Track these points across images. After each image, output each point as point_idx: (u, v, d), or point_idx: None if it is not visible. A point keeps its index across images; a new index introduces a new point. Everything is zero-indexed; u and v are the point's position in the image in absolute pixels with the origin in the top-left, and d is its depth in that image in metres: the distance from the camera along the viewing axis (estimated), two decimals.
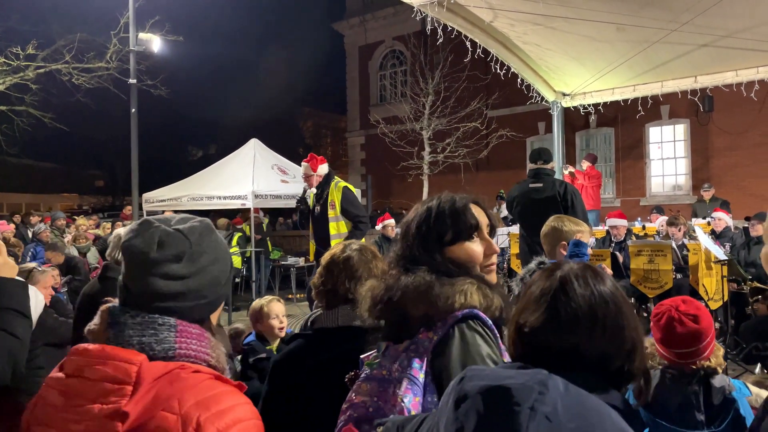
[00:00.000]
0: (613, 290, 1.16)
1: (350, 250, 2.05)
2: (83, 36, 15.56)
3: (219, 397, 1.13)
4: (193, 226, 1.27)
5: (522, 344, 1.17)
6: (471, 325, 1.38)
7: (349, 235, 5.84)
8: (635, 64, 7.70)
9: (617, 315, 1.13)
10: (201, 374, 1.17)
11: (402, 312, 1.42)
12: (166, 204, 12.50)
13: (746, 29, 6.60)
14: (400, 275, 1.47)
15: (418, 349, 1.37)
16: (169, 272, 1.21)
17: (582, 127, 18.31)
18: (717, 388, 2.19)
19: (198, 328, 1.24)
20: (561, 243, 3.21)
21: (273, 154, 12.88)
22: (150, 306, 1.20)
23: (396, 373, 1.38)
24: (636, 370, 1.16)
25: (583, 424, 0.91)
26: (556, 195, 5.45)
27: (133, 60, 13.17)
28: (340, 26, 24.86)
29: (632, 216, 12.34)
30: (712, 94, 11.28)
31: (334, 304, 1.99)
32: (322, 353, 1.90)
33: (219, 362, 1.24)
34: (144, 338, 1.17)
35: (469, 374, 1.03)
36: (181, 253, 1.23)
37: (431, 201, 1.58)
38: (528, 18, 6.86)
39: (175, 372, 1.14)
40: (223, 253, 1.33)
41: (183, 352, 1.18)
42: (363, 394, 1.42)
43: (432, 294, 1.39)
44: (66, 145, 29.61)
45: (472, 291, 1.41)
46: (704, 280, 6.53)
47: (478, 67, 14.78)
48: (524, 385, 0.95)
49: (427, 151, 17.26)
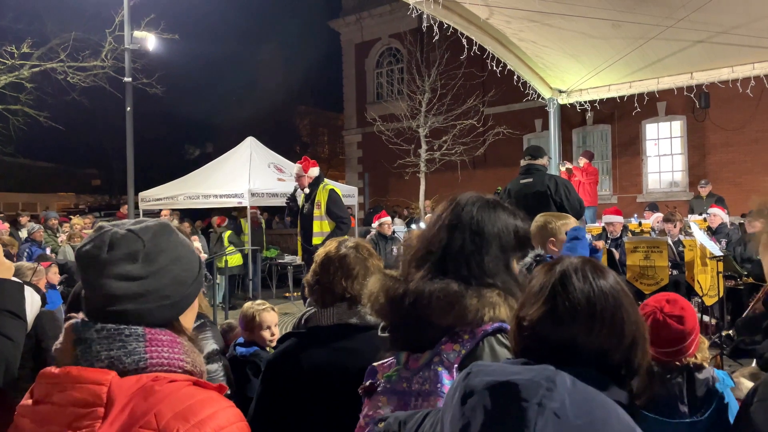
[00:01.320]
0: (613, 284, 1.15)
1: (346, 247, 2.02)
2: (78, 34, 15.48)
3: (197, 406, 1.08)
4: (147, 226, 1.23)
5: (522, 338, 1.17)
6: (500, 340, 1.36)
7: (331, 234, 6.27)
8: (631, 61, 7.70)
9: (616, 309, 1.12)
10: (177, 383, 1.11)
11: (422, 319, 1.37)
12: (162, 203, 12.48)
13: (742, 25, 6.60)
14: (422, 280, 1.41)
15: (443, 362, 1.33)
16: (122, 273, 1.16)
17: (579, 124, 18.31)
18: (701, 380, 2.20)
19: (168, 333, 1.18)
20: (549, 239, 3.27)
21: (269, 153, 12.87)
22: (106, 310, 1.15)
23: (417, 385, 1.34)
24: (638, 366, 1.14)
25: (590, 420, 0.91)
26: (546, 190, 5.49)
27: (128, 58, 13.14)
28: (336, 24, 24.81)
29: (629, 212, 12.36)
30: (708, 90, 11.28)
31: (329, 302, 1.96)
32: (316, 351, 1.88)
33: (195, 367, 1.18)
34: (112, 352, 1.11)
35: (475, 369, 1.02)
36: (134, 252, 1.18)
37: (505, 211, 1.52)
38: (524, 15, 6.86)
39: (149, 385, 1.09)
40: (186, 253, 1.27)
41: (155, 361, 1.13)
42: (384, 408, 1.37)
43: (461, 305, 1.35)
44: (62, 144, 29.50)
45: (500, 303, 1.38)
46: (699, 276, 6.54)
47: (475, 64, 14.75)
48: (532, 380, 0.94)
49: (423, 149, 17.25)
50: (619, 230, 8.39)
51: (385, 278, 1.48)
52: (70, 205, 32.77)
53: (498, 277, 1.43)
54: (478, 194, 1.55)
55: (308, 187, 6.67)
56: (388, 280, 1.47)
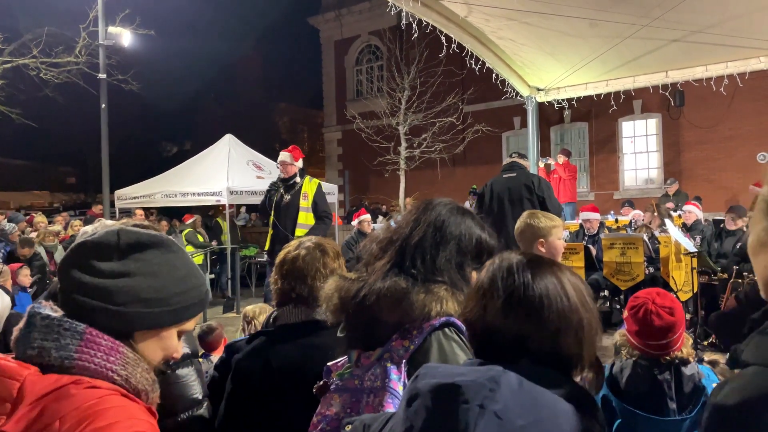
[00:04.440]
0: (548, 277, 1.11)
1: (302, 248, 2.01)
2: (51, 30, 15.19)
3: (103, 413, 1.00)
4: (150, 234, 1.22)
5: (468, 335, 1.18)
6: (447, 334, 1.36)
7: (314, 228, 6.21)
8: (608, 60, 7.77)
9: (536, 297, 1.07)
10: (97, 390, 1.04)
11: (373, 317, 1.38)
12: (138, 201, 12.30)
13: (716, 24, 6.70)
14: (376, 276, 1.43)
15: (392, 357, 1.34)
16: (95, 266, 1.13)
17: (557, 122, 18.48)
18: (687, 376, 2.25)
19: (111, 341, 1.10)
20: (538, 240, 3.08)
21: (248, 150, 12.77)
22: (67, 295, 1.12)
23: (368, 382, 1.35)
24: (571, 354, 1.08)
25: (534, 421, 0.90)
26: (530, 184, 5.57)
27: (103, 54, 12.94)
28: (316, 21, 24.70)
29: (606, 209, 12.52)
30: (682, 88, 11.46)
31: (295, 301, 1.96)
32: (283, 348, 1.88)
33: (129, 382, 1.11)
34: (45, 342, 1.07)
35: (422, 372, 1.02)
36: (110, 250, 1.16)
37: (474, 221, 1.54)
38: (502, 13, 6.88)
39: (66, 388, 1.02)
40: (170, 276, 1.20)
41: (82, 364, 1.06)
42: (335, 405, 1.38)
43: (407, 301, 1.36)
44: (36, 142, 28.99)
45: (447, 298, 1.39)
46: (674, 272, 6.64)
47: (454, 62, 14.80)
48: (475, 382, 0.94)
49: (403, 147, 17.27)
50: (596, 227, 8.48)
51: (341, 279, 1.50)
52: (44, 203, 32.18)
53: (447, 273, 1.44)
54: (453, 201, 1.59)
55: (291, 177, 6.45)
56: (343, 281, 1.49)
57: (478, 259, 1.49)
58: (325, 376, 1.49)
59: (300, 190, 6.43)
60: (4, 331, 2.88)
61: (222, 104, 32.56)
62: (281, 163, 6.52)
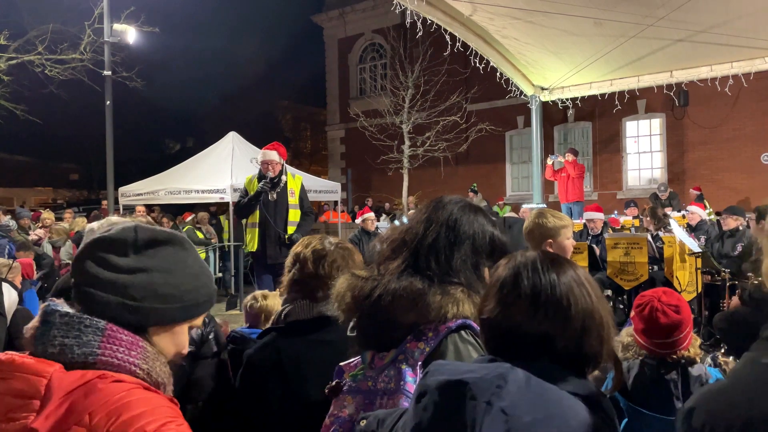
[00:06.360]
0: (567, 275, 1.12)
1: (329, 245, 2.02)
2: (56, 26, 15.18)
3: (130, 405, 1.03)
4: (164, 231, 1.24)
5: (483, 334, 1.17)
6: (464, 337, 1.35)
7: (301, 223, 6.23)
8: (612, 59, 7.77)
9: (563, 296, 1.08)
10: (123, 384, 1.07)
11: (388, 318, 1.37)
12: (142, 198, 12.33)
13: (720, 24, 6.69)
14: (391, 276, 1.41)
15: (407, 359, 1.33)
16: (112, 261, 1.15)
17: (560, 121, 18.46)
18: (694, 376, 2.23)
19: (131, 335, 1.14)
20: (547, 240, 3.02)
21: (252, 148, 12.76)
22: (83, 290, 1.14)
23: (382, 384, 1.33)
24: (594, 353, 1.10)
25: (541, 417, 0.91)
26: None
27: (108, 51, 12.95)
28: (319, 18, 24.69)
29: (609, 209, 12.50)
30: (687, 88, 11.43)
31: (310, 297, 1.96)
32: (294, 344, 1.88)
33: (150, 376, 1.14)
34: (67, 340, 1.08)
35: (432, 369, 1.03)
36: (126, 246, 1.18)
37: (486, 218, 1.53)
38: (507, 12, 6.88)
39: (93, 383, 1.05)
40: (184, 272, 1.23)
41: (106, 359, 1.09)
42: (349, 407, 1.37)
43: (424, 302, 1.35)
44: (40, 138, 28.96)
45: (463, 300, 1.37)
46: (678, 272, 6.64)
47: (458, 61, 14.79)
48: (482, 378, 0.94)
49: (406, 145, 17.26)
50: (600, 226, 8.48)
51: (353, 278, 1.48)
52: (47, 199, 32.22)
53: (462, 274, 1.43)
54: (463, 198, 1.57)
55: (280, 174, 6.31)
56: (356, 279, 1.47)
57: (492, 256, 1.48)
58: (338, 377, 1.47)
59: (286, 187, 6.33)
60: (10, 324, 2.90)
61: (225, 102, 32.57)
62: (269, 162, 6.29)
